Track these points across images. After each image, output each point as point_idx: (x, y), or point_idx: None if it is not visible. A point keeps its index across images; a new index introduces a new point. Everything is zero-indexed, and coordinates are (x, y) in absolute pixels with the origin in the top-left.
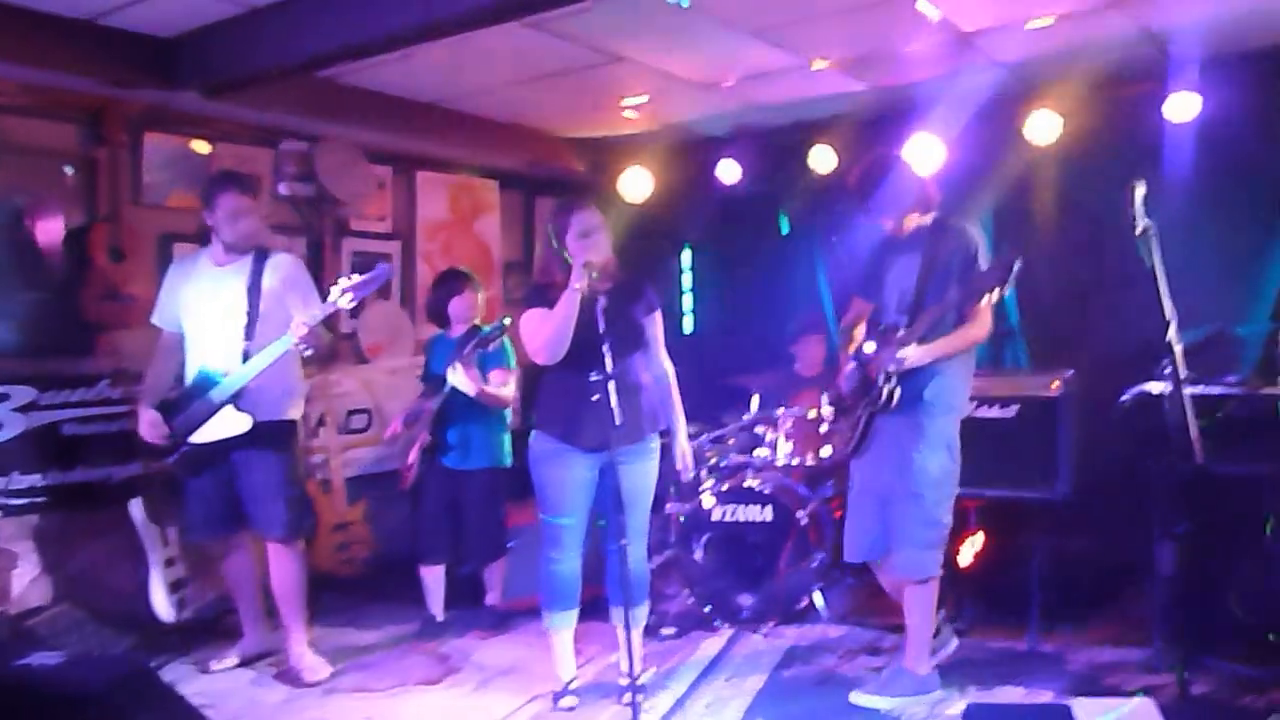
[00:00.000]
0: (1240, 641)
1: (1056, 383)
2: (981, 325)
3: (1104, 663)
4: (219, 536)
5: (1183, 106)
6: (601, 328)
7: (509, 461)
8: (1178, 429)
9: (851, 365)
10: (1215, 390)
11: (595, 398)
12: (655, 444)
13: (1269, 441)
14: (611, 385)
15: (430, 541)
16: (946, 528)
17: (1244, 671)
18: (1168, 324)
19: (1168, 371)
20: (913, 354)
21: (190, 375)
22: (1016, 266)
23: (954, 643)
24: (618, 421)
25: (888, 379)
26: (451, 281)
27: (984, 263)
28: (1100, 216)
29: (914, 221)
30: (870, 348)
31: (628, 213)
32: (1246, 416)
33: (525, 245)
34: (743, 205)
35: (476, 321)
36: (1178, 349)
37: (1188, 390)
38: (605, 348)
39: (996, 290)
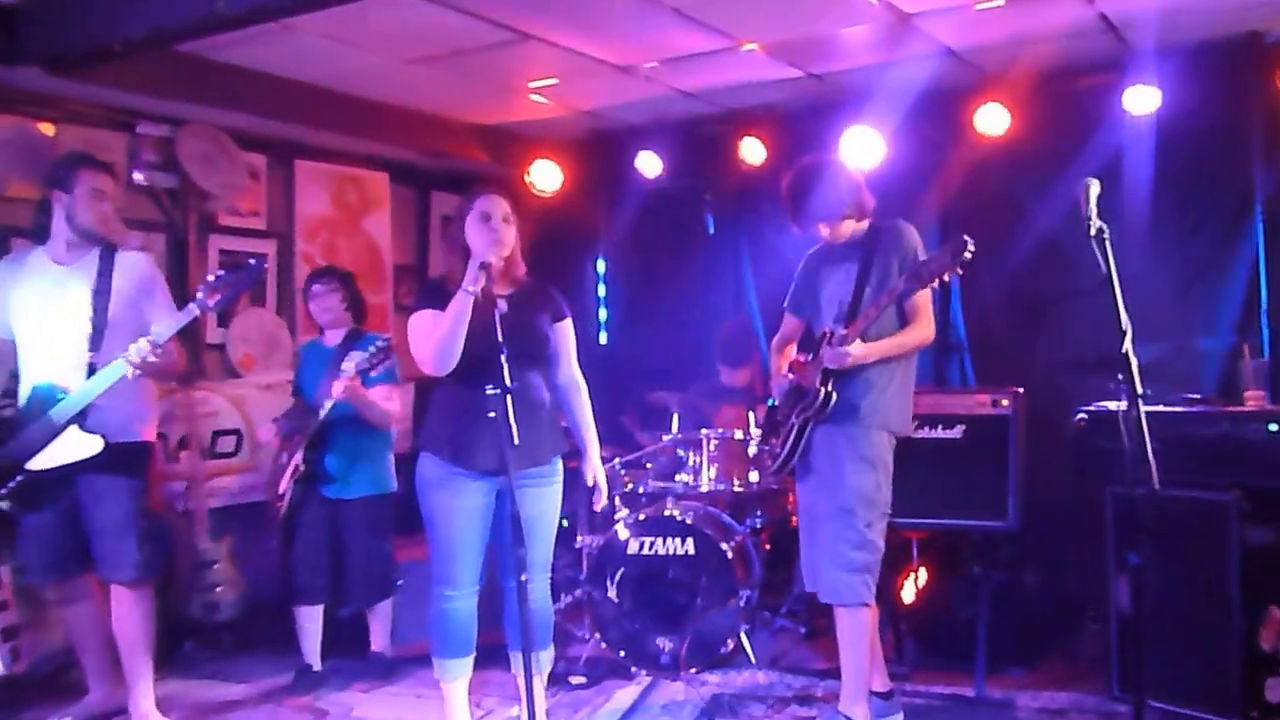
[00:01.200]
0: (1199, 684)
1: (1005, 400)
2: (925, 326)
3: (1057, 708)
4: (60, 578)
5: (1141, 99)
6: (500, 335)
7: (394, 487)
8: (1134, 451)
9: (786, 379)
10: (1175, 409)
11: (491, 414)
12: (560, 468)
13: (1231, 465)
14: (510, 400)
15: (306, 580)
16: (877, 552)
17: (1202, 718)
18: (1124, 335)
19: (1124, 388)
20: (856, 350)
21: (25, 391)
22: (968, 251)
23: (899, 717)
24: (516, 441)
25: (825, 379)
26: (312, 281)
27: (972, 246)
28: (1053, 219)
29: (850, 229)
30: (806, 357)
31: (536, 209)
32: (1208, 437)
33: (419, 247)
34: (665, 202)
35: (356, 326)
36: (1134, 364)
37: (1145, 408)
38: (503, 358)
39: (946, 273)
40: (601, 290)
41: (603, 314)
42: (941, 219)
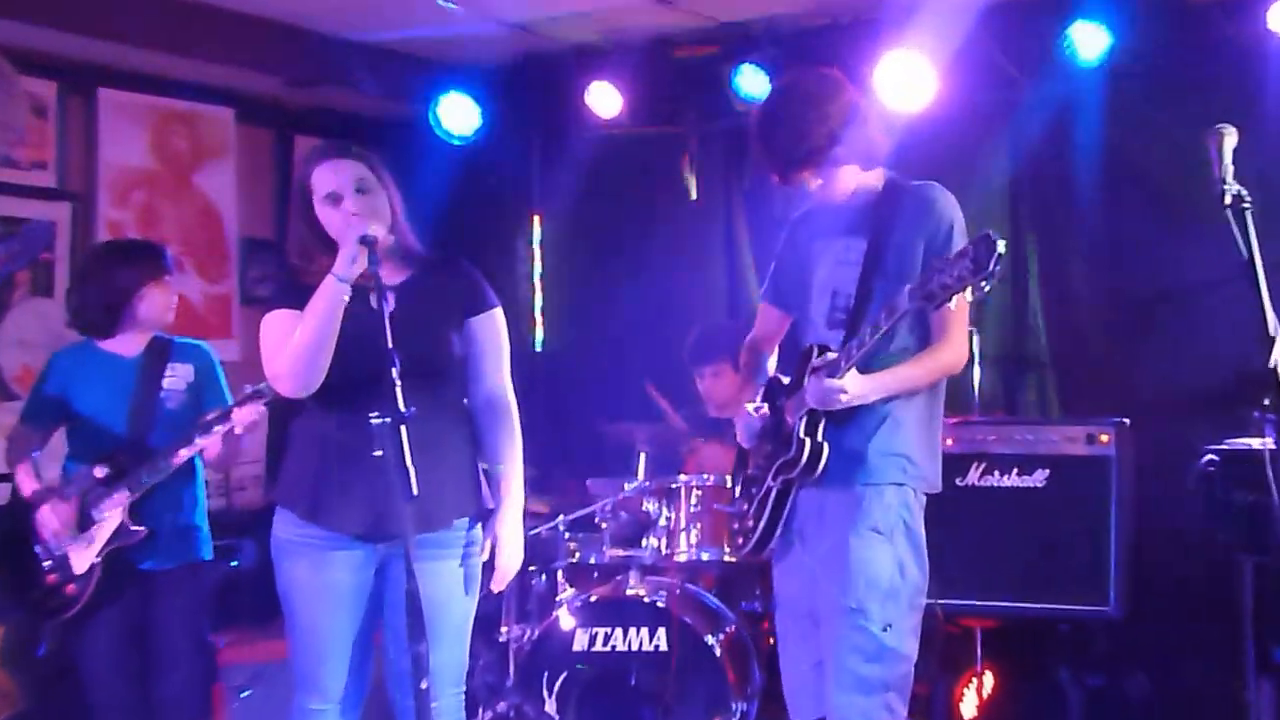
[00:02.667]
0: None
1: (1105, 436)
2: (955, 346)
3: None
4: None
5: None
6: (389, 342)
7: (209, 554)
8: None
9: (756, 410)
10: None
11: (377, 453)
12: (478, 532)
13: None
14: (404, 432)
15: (106, 693)
16: (906, 661)
17: None
18: (1272, 344)
19: (1271, 420)
20: (852, 387)
21: None
22: (998, 251)
23: None
24: (414, 492)
25: (811, 425)
26: (139, 260)
27: (1004, 247)
28: (1169, 183)
29: (853, 181)
30: (784, 381)
31: (445, 162)
32: None
33: (277, 214)
34: (627, 153)
35: (162, 333)
36: None
37: None
38: (395, 373)
39: (968, 289)
40: (536, 273)
41: (538, 306)
42: (1011, 188)
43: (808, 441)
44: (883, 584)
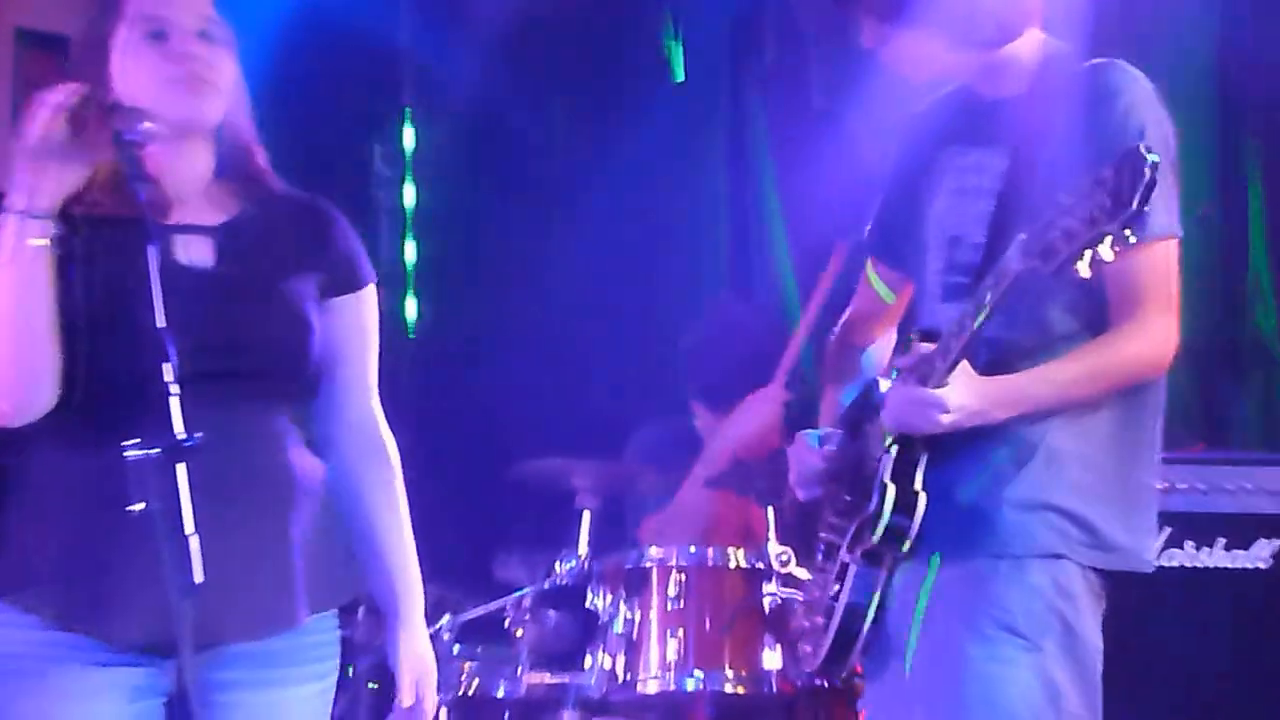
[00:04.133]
0: None
1: None
2: (1147, 332)
3: None
4: None
5: None
6: (159, 320)
7: None
8: None
9: (821, 442)
10: None
11: (137, 507)
12: (332, 638)
13: None
14: (181, 475)
15: None
16: None
17: None
18: None
19: None
20: (956, 399)
21: None
22: (1146, 177)
23: None
24: (199, 577)
25: (902, 466)
26: None
27: (1153, 164)
28: None
29: (1012, 61)
30: (885, 387)
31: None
32: None
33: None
34: (565, 11)
35: None
36: None
37: None
38: (167, 373)
39: (1107, 239)
40: (407, 208)
41: (409, 262)
42: (1220, 68)
43: (891, 490)
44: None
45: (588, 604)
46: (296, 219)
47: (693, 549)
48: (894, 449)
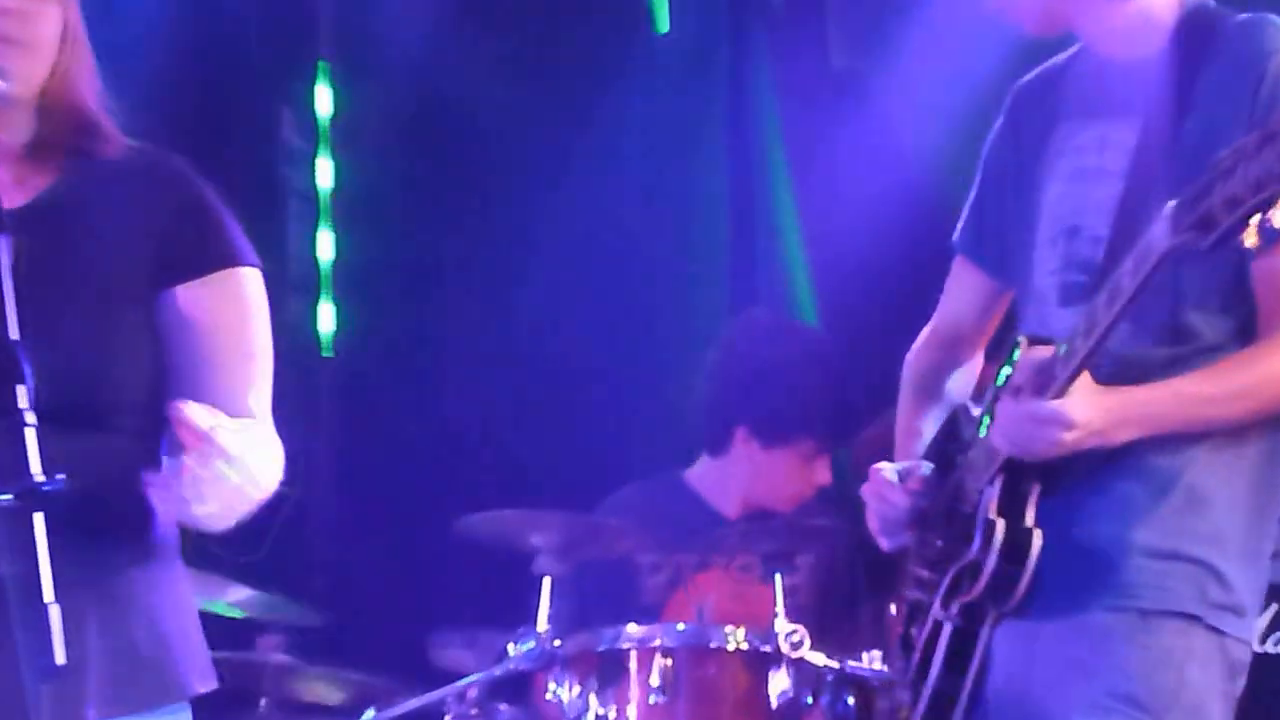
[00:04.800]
0: None
1: None
2: None
3: None
4: None
5: None
6: (11, 331)
7: None
8: None
9: (903, 478)
10: None
11: None
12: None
13: None
14: (39, 527)
15: None
16: None
17: None
18: None
19: None
20: (1083, 414)
21: None
22: None
23: None
24: (59, 657)
25: (1010, 498)
26: None
27: None
28: None
29: (1123, 14)
30: (978, 411)
31: None
32: None
33: None
34: None
35: None
36: None
37: None
38: (24, 405)
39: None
40: (322, 191)
41: (324, 261)
42: None
43: (998, 527)
44: None
45: (549, 696)
46: (126, 184)
47: (681, 627)
48: (1000, 477)
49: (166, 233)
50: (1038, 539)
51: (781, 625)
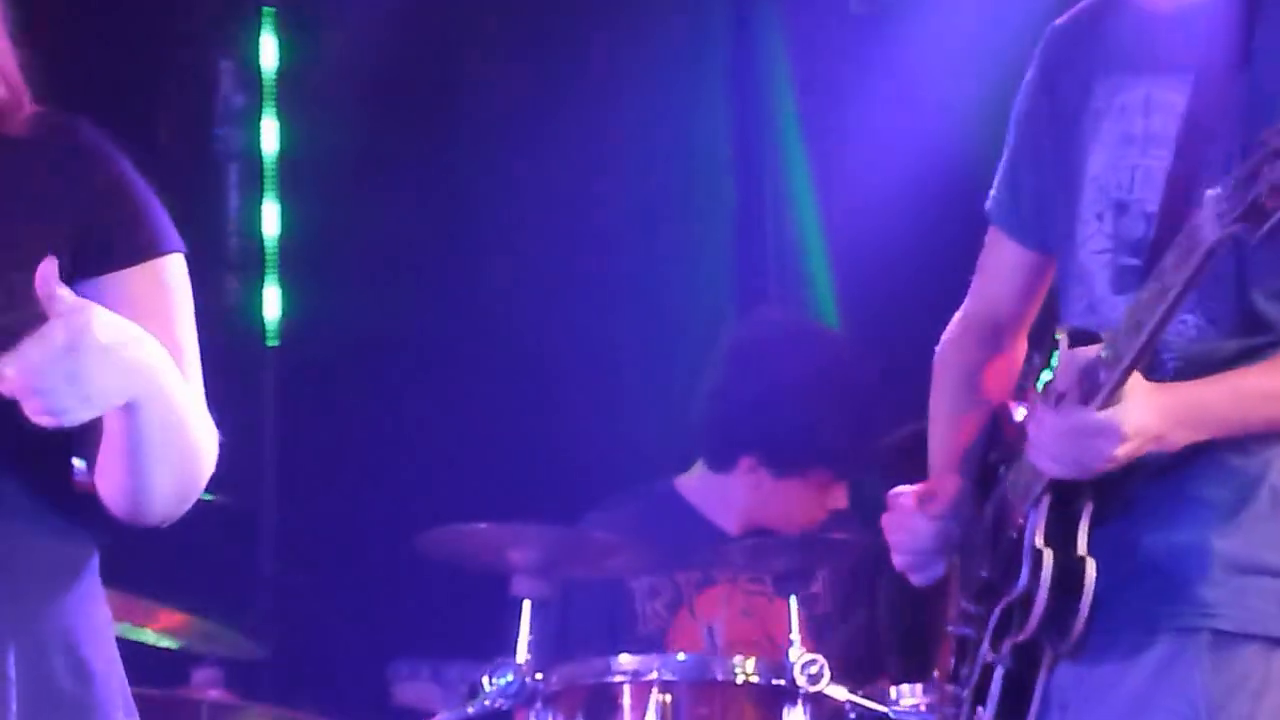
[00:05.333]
0: None
1: None
2: None
3: None
4: None
5: None
6: None
7: None
8: None
9: (929, 497)
10: None
11: None
12: None
13: None
14: None
15: None
16: None
17: None
18: None
19: None
20: (1136, 420)
21: None
22: None
23: None
24: None
25: (1060, 523)
26: None
27: None
28: None
29: None
30: (1023, 415)
31: None
32: None
33: None
34: None
35: None
36: None
37: None
38: None
39: None
40: (266, 158)
41: (267, 236)
42: None
43: (1048, 558)
44: None
45: None
46: (36, 161)
47: (681, 657)
48: (1048, 497)
49: (82, 220)
50: (1092, 569)
51: (797, 654)
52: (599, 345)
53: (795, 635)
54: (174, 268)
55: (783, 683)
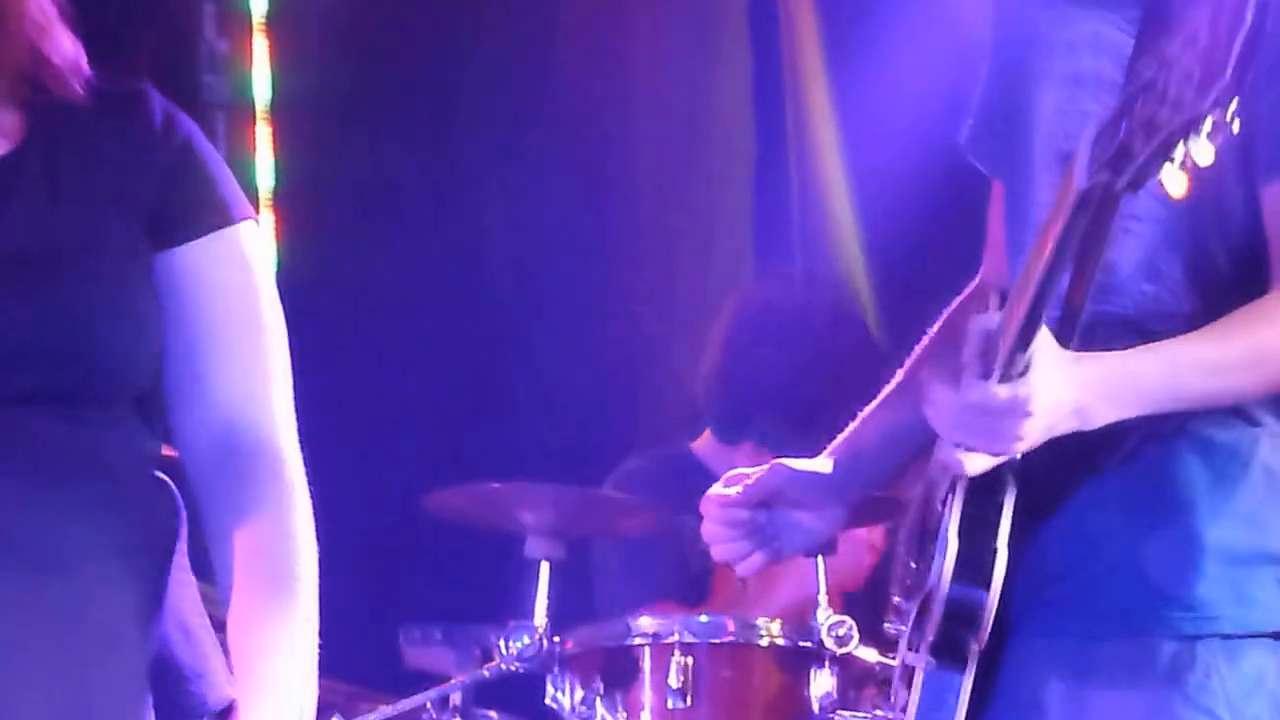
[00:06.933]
0: None
1: None
2: None
3: None
4: None
5: None
6: None
7: None
8: None
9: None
10: None
11: None
12: None
13: None
14: None
15: None
16: None
17: None
18: None
19: None
20: (1055, 389)
21: None
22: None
23: None
24: None
25: (983, 506)
26: None
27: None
28: None
29: None
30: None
31: None
32: None
33: None
34: None
35: None
36: None
37: None
38: None
39: (1200, 127)
40: (258, 102)
41: (261, 186)
42: None
43: (952, 548)
44: None
45: (547, 700)
46: (111, 130)
47: (704, 619)
48: (960, 486)
49: (154, 191)
50: (1003, 560)
51: (824, 616)
52: (613, 299)
53: (822, 597)
54: (249, 234)
55: (809, 645)
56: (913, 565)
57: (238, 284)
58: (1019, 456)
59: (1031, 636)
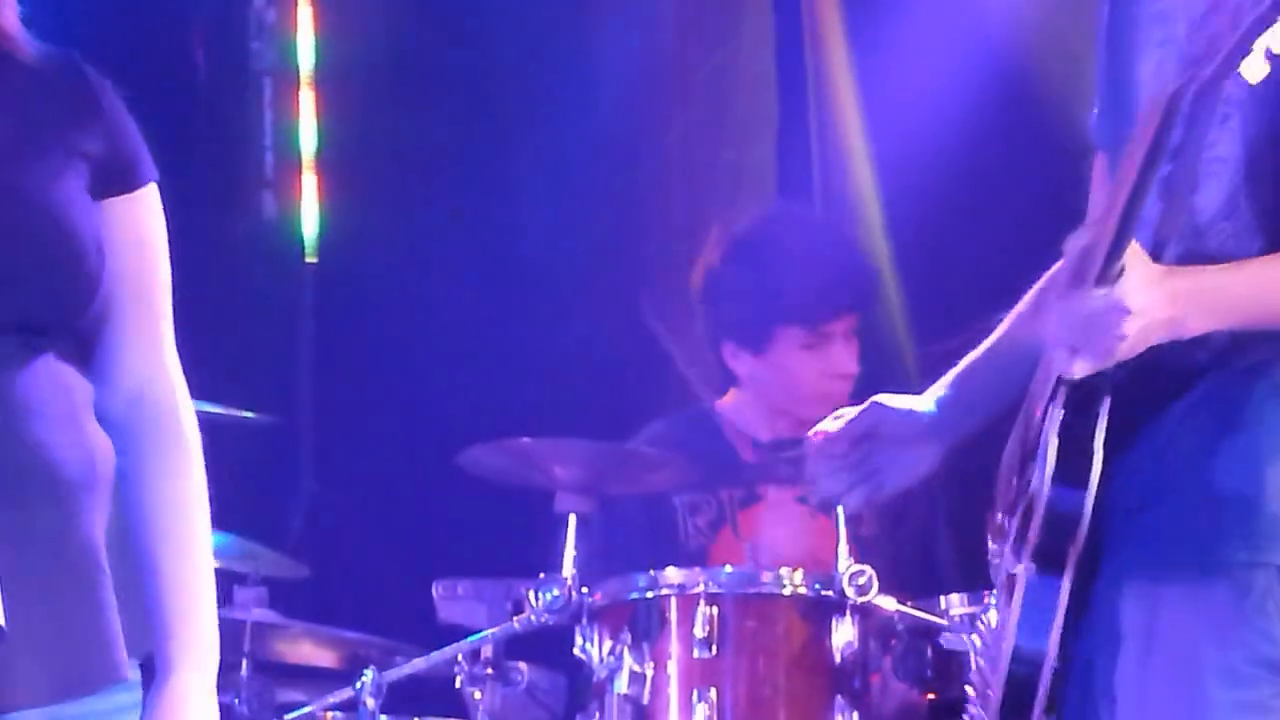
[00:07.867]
0: None
1: None
2: None
3: None
4: None
5: None
6: None
7: None
8: None
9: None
10: None
11: None
12: (133, 697)
13: None
14: None
15: None
16: None
17: None
18: None
19: None
20: (1141, 301)
21: None
22: None
23: None
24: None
25: (1075, 420)
26: None
27: None
28: None
29: None
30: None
31: None
32: None
33: None
34: None
35: None
36: None
37: None
38: None
39: None
40: (303, 67)
41: (305, 151)
42: None
43: (1053, 446)
44: None
45: (576, 652)
46: (50, 88)
47: (728, 569)
48: (1063, 392)
49: (99, 141)
50: (1099, 461)
51: (845, 565)
52: (641, 262)
53: (843, 547)
54: (155, 198)
55: (831, 594)
56: (1014, 482)
57: (144, 238)
58: (1114, 368)
59: (1118, 566)
